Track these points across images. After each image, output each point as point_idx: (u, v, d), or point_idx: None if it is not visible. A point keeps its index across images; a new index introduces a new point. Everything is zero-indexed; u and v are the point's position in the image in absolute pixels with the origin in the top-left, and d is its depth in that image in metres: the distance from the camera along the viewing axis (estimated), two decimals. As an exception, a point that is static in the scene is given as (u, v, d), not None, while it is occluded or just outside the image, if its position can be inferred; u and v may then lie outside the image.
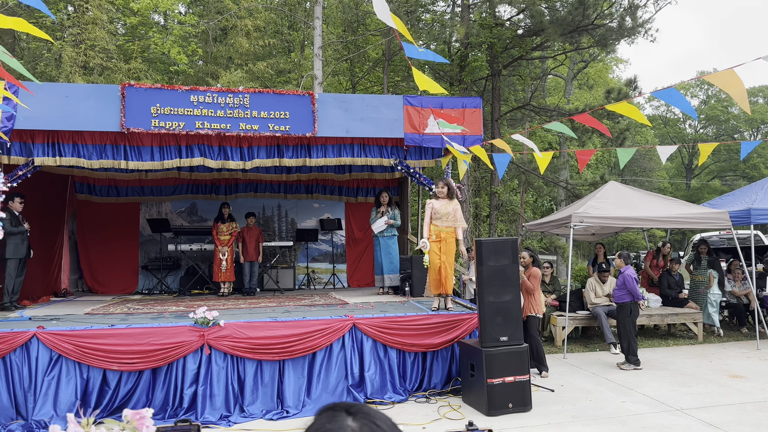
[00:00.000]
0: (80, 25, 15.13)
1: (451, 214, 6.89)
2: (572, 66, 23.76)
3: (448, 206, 6.93)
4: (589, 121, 6.36)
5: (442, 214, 6.92)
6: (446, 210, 6.91)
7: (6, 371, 5.61)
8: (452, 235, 6.89)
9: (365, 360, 6.32)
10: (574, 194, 16.06)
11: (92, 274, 10.61)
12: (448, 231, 6.88)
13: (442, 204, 6.95)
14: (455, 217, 6.87)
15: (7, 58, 4.28)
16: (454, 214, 6.89)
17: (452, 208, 6.92)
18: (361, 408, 1.00)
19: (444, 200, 6.97)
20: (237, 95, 7.30)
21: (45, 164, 7.24)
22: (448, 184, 6.99)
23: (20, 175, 7.22)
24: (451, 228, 6.89)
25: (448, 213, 6.89)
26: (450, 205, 6.94)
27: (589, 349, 9.05)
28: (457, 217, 6.88)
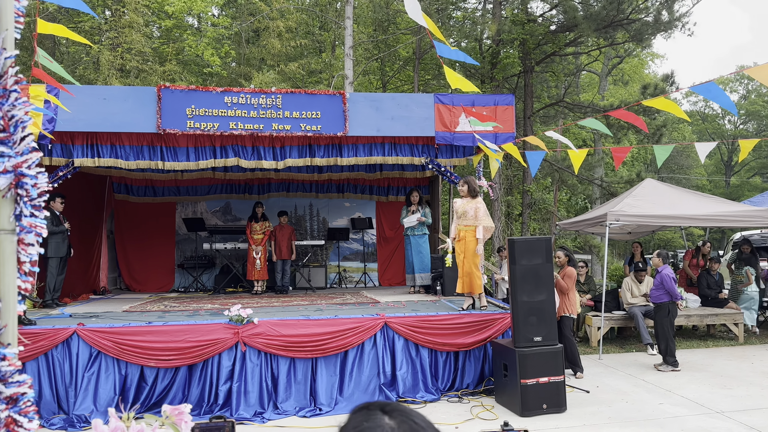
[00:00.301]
0: (117, 29, 15.49)
1: (470, 213, 6.81)
2: (607, 62, 23.33)
3: (468, 205, 6.87)
4: (626, 116, 6.24)
5: (461, 213, 6.91)
6: (464, 209, 6.88)
7: (48, 367, 5.79)
8: (471, 233, 6.80)
9: (397, 359, 6.32)
10: (610, 192, 15.78)
11: (130, 273, 10.86)
12: (467, 230, 6.82)
13: (463, 203, 6.92)
14: (476, 215, 6.77)
15: (48, 62, 4.41)
16: (475, 212, 6.79)
17: (473, 206, 6.83)
18: (397, 406, 0.99)
19: (465, 199, 6.93)
20: (270, 96, 7.38)
21: (84, 165, 7.43)
22: (468, 182, 6.94)
23: (61, 176, 7.43)
24: (472, 227, 6.80)
25: (466, 211, 6.85)
26: (470, 203, 6.87)
27: (625, 350, 8.88)
28: (478, 215, 6.76)
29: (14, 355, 1.08)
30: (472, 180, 6.99)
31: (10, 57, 1.09)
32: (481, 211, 6.80)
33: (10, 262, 1.08)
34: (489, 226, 6.82)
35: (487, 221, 6.80)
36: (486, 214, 6.84)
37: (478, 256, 6.79)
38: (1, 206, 1.10)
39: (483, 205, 6.87)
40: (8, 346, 1.07)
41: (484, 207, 6.87)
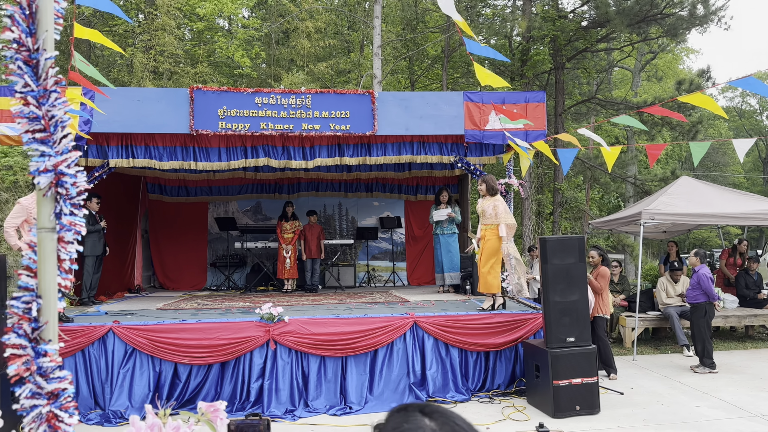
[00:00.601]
0: (150, 32, 15.77)
1: (488, 211, 6.74)
2: (640, 57, 22.88)
3: (486, 203, 6.81)
4: (661, 111, 6.10)
5: (480, 212, 6.87)
6: (483, 207, 6.83)
7: (85, 363, 5.92)
8: (492, 232, 6.71)
9: (427, 358, 6.30)
10: (643, 190, 15.48)
11: (164, 271, 11.05)
12: (487, 228, 6.75)
13: (482, 202, 6.87)
14: (495, 213, 6.68)
15: (84, 66, 4.51)
16: (494, 210, 6.70)
17: (490, 204, 6.75)
18: (436, 408, 0.98)
19: (485, 198, 6.86)
20: (299, 96, 7.42)
21: (119, 166, 7.58)
22: (485, 180, 6.87)
23: (96, 176, 7.59)
24: (492, 225, 6.72)
25: (485, 210, 6.79)
26: (488, 201, 6.80)
27: (661, 351, 8.69)
28: (497, 213, 6.66)
29: (55, 352, 1.10)
30: (489, 178, 6.91)
31: (51, 58, 1.11)
32: (500, 209, 6.69)
33: (50, 259, 1.10)
34: (511, 223, 6.70)
35: (508, 219, 6.69)
36: (506, 212, 6.72)
37: (496, 255, 6.68)
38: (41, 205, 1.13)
39: (502, 203, 6.76)
40: (49, 343, 1.09)
41: (503, 205, 6.76)
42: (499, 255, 6.71)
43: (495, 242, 6.70)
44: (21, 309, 1.10)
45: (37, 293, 1.11)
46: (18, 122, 1.11)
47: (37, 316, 1.11)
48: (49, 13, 1.11)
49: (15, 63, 1.10)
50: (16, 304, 1.11)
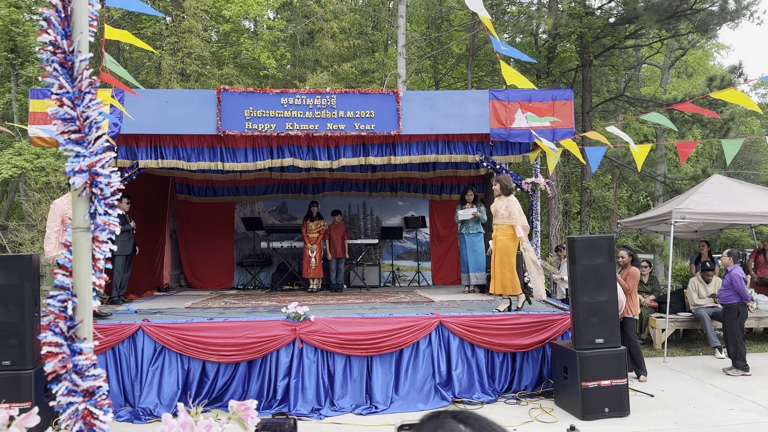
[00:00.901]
0: (177, 34, 15.99)
1: (501, 212, 6.66)
2: (669, 54, 22.45)
3: (499, 203, 6.74)
4: (692, 109, 5.98)
5: (493, 212, 6.82)
6: (496, 207, 6.77)
7: (115, 361, 6.02)
8: (505, 233, 6.62)
9: (452, 358, 6.27)
10: (673, 189, 15.20)
11: (191, 270, 11.19)
12: (500, 229, 6.67)
13: (496, 202, 6.80)
14: (509, 214, 6.59)
15: (114, 67, 4.59)
16: (506, 211, 6.61)
17: (503, 204, 6.67)
18: (470, 414, 0.97)
19: (499, 197, 6.79)
20: (324, 96, 7.44)
21: (148, 166, 7.69)
22: (499, 180, 6.80)
23: (126, 177, 7.71)
24: (503, 226, 6.64)
25: (497, 210, 6.73)
26: (501, 201, 6.72)
27: (692, 353, 8.52)
28: (511, 214, 6.57)
29: (90, 350, 1.11)
30: (503, 178, 6.84)
31: (85, 60, 1.13)
32: (514, 210, 6.59)
33: (85, 259, 1.12)
34: (525, 224, 6.62)
35: (522, 219, 6.59)
36: (521, 213, 6.63)
37: (509, 255, 6.59)
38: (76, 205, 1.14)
39: (515, 204, 6.64)
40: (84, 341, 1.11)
41: (517, 205, 6.64)
42: (511, 256, 6.61)
43: (507, 243, 6.60)
44: (57, 307, 1.12)
45: (73, 292, 1.13)
46: (54, 123, 1.13)
47: (72, 315, 1.13)
48: (84, 16, 1.13)
49: (51, 65, 1.12)
50: (53, 302, 1.13)
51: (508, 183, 6.77)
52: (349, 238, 10.37)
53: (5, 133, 14.70)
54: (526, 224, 6.66)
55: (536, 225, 8.24)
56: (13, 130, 13.74)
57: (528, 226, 6.69)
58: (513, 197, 6.73)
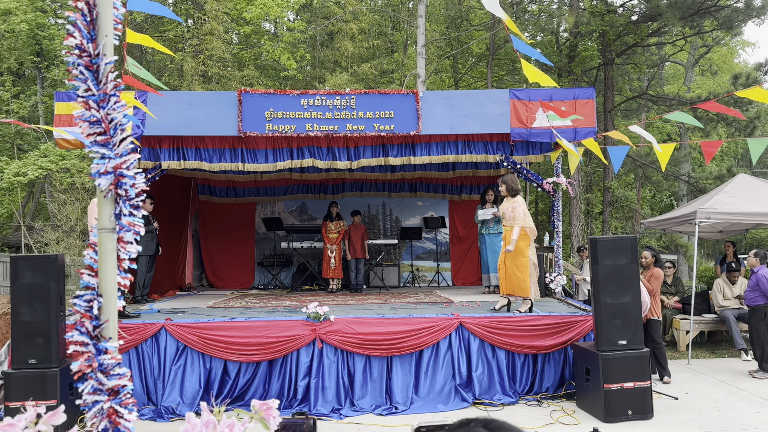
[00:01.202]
0: (199, 36, 16.15)
1: (507, 213, 6.66)
2: (693, 51, 22.09)
3: (506, 204, 6.73)
4: (716, 107, 5.88)
5: (501, 214, 6.82)
6: (503, 209, 6.77)
7: (138, 360, 6.10)
8: (510, 233, 6.61)
9: (473, 359, 6.24)
10: (697, 188, 14.96)
11: (213, 270, 11.30)
12: (507, 230, 6.67)
13: (504, 203, 6.80)
14: (513, 215, 6.58)
15: (137, 69, 4.65)
16: (512, 212, 6.60)
17: (509, 206, 6.65)
18: (502, 424, 0.96)
19: (507, 198, 6.78)
20: (344, 97, 7.46)
21: (171, 168, 7.79)
22: (505, 181, 6.77)
23: (149, 178, 7.81)
24: (510, 227, 6.63)
25: (504, 211, 6.72)
26: (507, 202, 6.71)
27: (717, 356, 8.38)
28: (515, 215, 6.55)
29: (115, 349, 1.13)
30: (509, 179, 6.79)
31: (110, 62, 1.15)
32: (518, 211, 6.56)
33: (110, 259, 1.13)
34: (529, 226, 6.57)
35: (527, 221, 6.56)
36: (525, 214, 6.59)
37: (518, 257, 6.55)
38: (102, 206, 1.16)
39: (520, 205, 6.61)
40: (109, 340, 1.13)
41: (522, 207, 6.61)
42: (522, 257, 6.56)
43: (516, 243, 6.57)
44: (83, 307, 1.14)
45: (98, 292, 1.14)
46: (79, 126, 1.15)
47: (98, 314, 1.14)
48: (109, 19, 1.14)
49: (77, 68, 1.14)
50: (79, 302, 1.15)
51: (513, 184, 6.75)
52: (369, 238, 10.38)
53: (31, 135, 14.99)
54: (531, 225, 6.61)
55: (557, 225, 8.17)
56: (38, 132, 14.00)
57: (534, 227, 6.64)
58: (519, 198, 6.71)
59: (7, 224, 17.41)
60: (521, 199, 6.70)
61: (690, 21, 13.98)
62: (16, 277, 5.32)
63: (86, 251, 1.17)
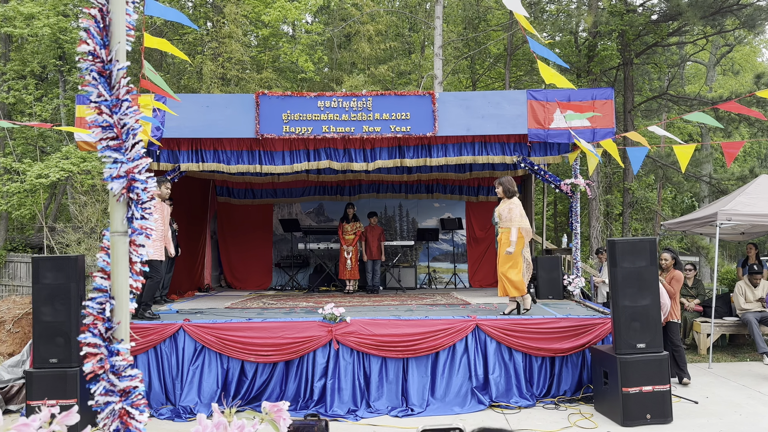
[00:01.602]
0: (218, 39, 16.29)
1: (504, 214, 6.64)
2: (714, 51, 21.79)
3: (502, 206, 6.72)
4: (738, 108, 5.78)
5: (497, 216, 6.80)
6: (500, 210, 6.75)
7: (157, 360, 6.16)
8: (507, 235, 6.58)
9: (489, 362, 6.20)
10: (719, 190, 14.73)
11: (231, 271, 11.39)
12: (503, 231, 6.65)
13: (500, 204, 6.78)
14: (510, 217, 6.56)
15: (153, 75, 4.70)
16: (509, 213, 6.58)
17: (506, 207, 6.64)
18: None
19: (503, 200, 6.76)
20: (360, 99, 7.48)
21: (189, 170, 7.87)
22: (501, 183, 6.76)
23: (168, 180, 7.90)
24: (507, 228, 6.61)
25: (501, 213, 6.71)
26: (505, 204, 6.69)
27: (738, 359, 8.24)
28: (512, 217, 6.54)
29: (127, 351, 1.15)
30: (505, 180, 6.77)
31: (122, 68, 1.16)
32: (515, 212, 6.55)
33: (122, 262, 1.15)
34: (525, 227, 6.56)
35: (523, 223, 6.55)
36: (522, 216, 6.57)
37: (513, 258, 6.54)
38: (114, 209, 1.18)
39: (517, 206, 6.59)
40: (121, 342, 1.14)
41: (519, 208, 6.59)
42: (516, 258, 6.57)
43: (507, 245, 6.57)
44: (96, 309, 1.16)
45: (111, 294, 1.16)
46: (93, 131, 1.17)
47: (110, 317, 1.16)
48: (121, 26, 1.16)
49: (90, 74, 1.16)
50: (91, 304, 1.17)
51: (510, 185, 6.74)
52: (385, 239, 10.39)
53: (54, 138, 15.24)
54: (527, 226, 6.61)
55: (576, 227, 8.11)
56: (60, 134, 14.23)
57: (530, 228, 6.63)
58: (515, 200, 6.70)
59: (30, 225, 17.71)
60: (518, 201, 6.70)
61: (711, 20, 13.78)
62: (37, 277, 5.40)
63: (99, 254, 1.19)
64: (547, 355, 6.25)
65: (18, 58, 15.14)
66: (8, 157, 14.03)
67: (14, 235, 16.89)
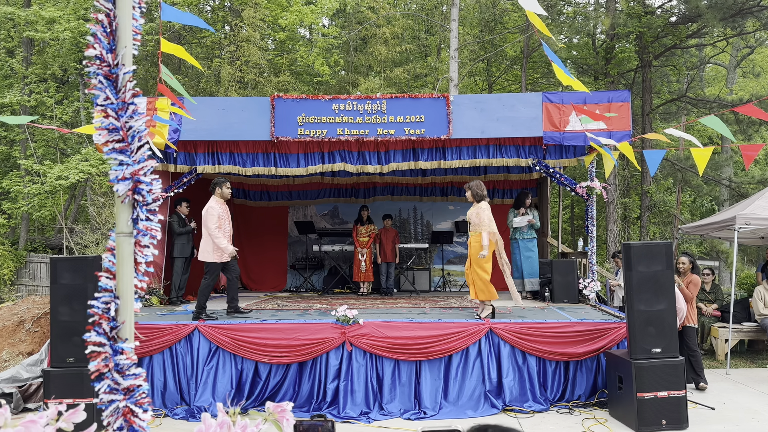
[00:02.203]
0: (236, 43, 16.44)
1: (473, 219, 6.65)
2: (735, 53, 21.50)
3: (471, 210, 6.73)
4: (755, 112, 5.70)
5: (468, 220, 6.81)
6: (469, 214, 6.77)
7: (172, 360, 6.23)
8: (476, 239, 6.60)
9: (503, 366, 6.18)
10: (739, 193, 14.53)
11: (247, 273, 11.46)
12: (473, 235, 6.68)
13: (470, 209, 6.78)
14: (479, 221, 6.57)
15: (169, 80, 4.76)
16: (477, 218, 6.59)
17: (474, 211, 6.65)
18: None
19: (473, 205, 6.76)
20: (375, 101, 7.50)
21: (206, 172, 7.94)
22: (470, 187, 6.77)
23: (185, 181, 8.00)
24: (474, 233, 6.64)
25: (470, 217, 6.72)
26: (473, 209, 6.70)
27: (757, 365, 8.11)
28: (481, 221, 6.55)
29: (131, 350, 1.17)
30: (474, 185, 6.78)
31: (128, 72, 1.19)
32: (482, 216, 6.56)
33: (127, 262, 1.17)
34: (493, 231, 6.56)
35: (491, 227, 6.55)
36: (490, 220, 6.58)
37: (483, 262, 6.56)
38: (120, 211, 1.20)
39: (484, 211, 6.59)
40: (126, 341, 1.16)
41: (486, 213, 6.59)
42: (488, 262, 6.60)
43: (479, 249, 6.59)
44: (101, 309, 1.18)
45: (116, 294, 1.18)
46: (99, 133, 1.19)
47: (115, 316, 1.18)
48: (128, 30, 1.19)
49: (96, 78, 1.18)
50: (97, 304, 1.20)
51: (479, 190, 6.73)
52: (400, 242, 10.39)
53: (74, 140, 15.47)
54: (495, 231, 6.61)
55: (591, 230, 8.05)
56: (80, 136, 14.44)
57: (496, 233, 6.60)
58: (483, 204, 6.69)
59: (50, 226, 18.00)
60: (485, 205, 6.70)
61: (731, 22, 13.61)
62: (55, 278, 5.49)
63: (104, 254, 1.21)
64: (562, 359, 6.21)
65: (40, 62, 15.41)
66: (29, 159, 14.28)
67: (35, 236, 17.18)
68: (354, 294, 10.05)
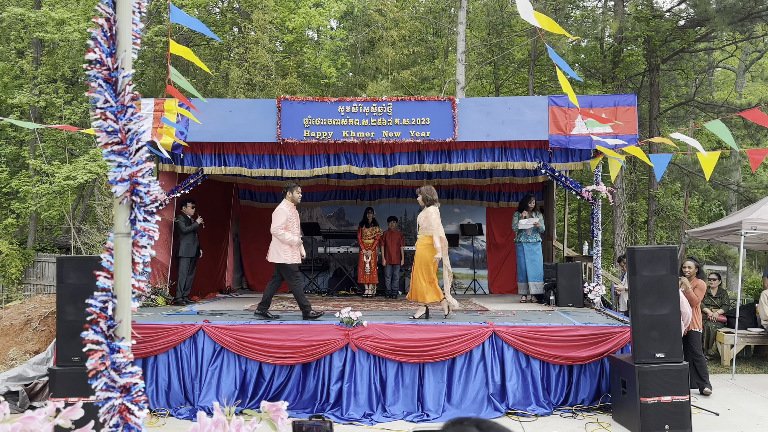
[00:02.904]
0: (245, 45, 16.51)
1: (422, 223, 6.78)
2: (744, 57, 21.38)
3: (421, 214, 6.87)
4: (760, 118, 5.67)
5: (417, 223, 6.93)
6: (418, 218, 6.90)
7: (177, 360, 6.26)
8: (423, 242, 6.72)
9: (506, 369, 6.17)
10: (747, 198, 14.44)
11: (252, 273, 11.50)
12: (422, 238, 6.79)
13: (420, 213, 6.90)
14: (428, 225, 6.69)
15: (178, 80, 4.80)
16: (426, 222, 6.72)
17: (424, 215, 6.80)
18: (493, 425, 0.97)
19: (424, 209, 6.87)
20: (380, 104, 7.52)
21: (212, 173, 7.99)
22: (421, 192, 6.91)
23: (192, 183, 8.04)
24: (422, 236, 6.76)
25: (419, 221, 6.85)
26: (423, 213, 6.83)
27: (763, 371, 8.06)
28: (429, 224, 6.68)
29: (128, 348, 1.19)
30: (424, 189, 6.90)
31: (128, 76, 1.21)
32: (431, 219, 6.69)
33: (125, 262, 1.19)
34: (441, 236, 6.69)
35: (440, 231, 6.68)
36: (439, 225, 6.71)
37: (428, 265, 6.68)
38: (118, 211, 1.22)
39: (433, 215, 6.73)
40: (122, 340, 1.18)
41: (435, 217, 6.73)
42: (429, 265, 6.71)
43: (424, 252, 6.73)
44: (98, 308, 1.20)
45: (113, 293, 1.20)
46: (98, 136, 1.21)
47: (112, 315, 1.20)
48: (128, 35, 1.21)
49: (96, 81, 1.20)
50: (94, 303, 1.21)
51: (429, 194, 6.87)
52: (405, 244, 10.40)
53: (83, 140, 15.59)
54: (443, 235, 6.75)
55: (597, 234, 8.02)
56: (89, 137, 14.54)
57: (444, 237, 6.75)
58: (432, 208, 6.82)
59: (58, 226, 18.13)
60: (434, 209, 6.82)
61: (740, 26, 13.54)
62: (61, 277, 5.54)
63: (103, 254, 1.23)
64: (565, 363, 6.20)
65: (49, 63, 15.54)
66: (38, 159, 14.39)
67: (43, 236, 17.30)
68: (358, 296, 10.07)
